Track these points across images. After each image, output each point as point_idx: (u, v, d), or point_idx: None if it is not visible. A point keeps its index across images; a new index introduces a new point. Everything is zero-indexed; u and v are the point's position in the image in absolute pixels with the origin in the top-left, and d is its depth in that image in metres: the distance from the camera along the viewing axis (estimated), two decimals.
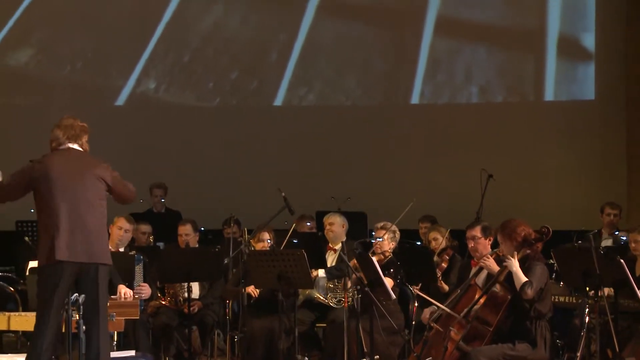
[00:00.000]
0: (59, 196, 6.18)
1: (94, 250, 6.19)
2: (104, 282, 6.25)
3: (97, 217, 6.28)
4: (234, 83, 12.67)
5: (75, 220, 6.17)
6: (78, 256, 6.13)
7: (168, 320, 8.49)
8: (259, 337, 7.96)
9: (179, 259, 8.40)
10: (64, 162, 6.30)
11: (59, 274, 6.10)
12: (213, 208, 10.90)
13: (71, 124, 6.43)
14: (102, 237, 6.32)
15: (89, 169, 6.33)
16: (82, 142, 6.45)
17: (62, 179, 6.21)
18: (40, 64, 12.32)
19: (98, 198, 6.31)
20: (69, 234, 6.13)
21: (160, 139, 12.20)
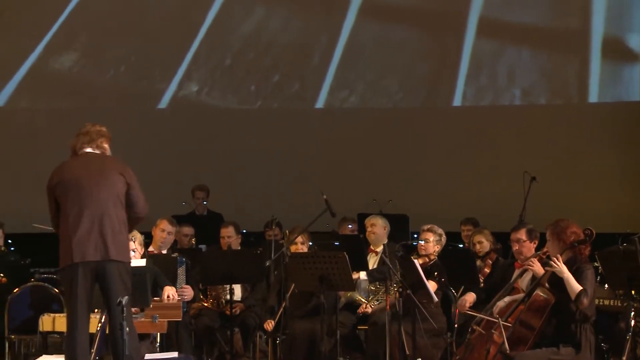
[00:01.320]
0: (75, 199, 6.25)
1: (109, 249, 6.21)
2: (120, 279, 6.25)
3: (116, 217, 6.30)
4: (276, 86, 12.68)
5: (91, 221, 6.21)
6: (91, 256, 6.17)
7: (210, 322, 8.51)
8: (300, 339, 7.96)
9: (221, 261, 8.42)
10: (78, 166, 6.38)
11: (75, 276, 6.17)
12: (255, 210, 10.92)
13: (87, 130, 6.52)
14: (118, 235, 6.30)
15: (105, 169, 6.39)
16: (98, 145, 6.50)
17: (77, 181, 6.28)
18: (84, 68, 12.41)
19: (117, 198, 6.34)
20: (83, 235, 6.18)
21: (202, 141, 12.24)
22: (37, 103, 12.22)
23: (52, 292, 8.49)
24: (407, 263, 7.63)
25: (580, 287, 6.36)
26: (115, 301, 6.10)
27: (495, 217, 9.95)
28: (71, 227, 6.19)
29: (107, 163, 6.44)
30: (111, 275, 6.23)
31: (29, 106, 12.23)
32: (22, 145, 12.04)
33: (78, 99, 12.21)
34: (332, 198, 8.75)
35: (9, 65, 12.18)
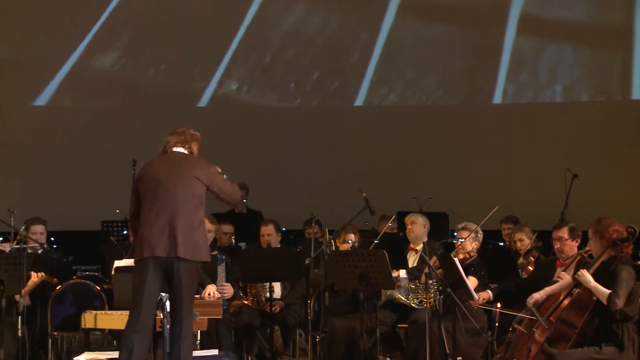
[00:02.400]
0: (153, 195, 6.33)
1: (178, 246, 6.25)
2: (186, 278, 6.30)
3: (189, 216, 6.34)
4: (315, 84, 12.69)
5: (166, 218, 6.27)
6: (160, 252, 6.22)
7: (250, 319, 8.53)
8: (340, 337, 7.95)
9: (261, 259, 8.43)
10: (162, 163, 6.48)
11: (144, 271, 6.22)
12: (294, 208, 10.92)
13: (182, 131, 6.65)
14: (189, 234, 6.34)
15: (186, 168, 6.45)
16: (189, 147, 6.61)
17: (158, 179, 6.36)
18: (125, 67, 12.50)
19: (194, 197, 6.40)
20: (155, 231, 6.24)
21: (242, 139, 12.28)
22: (79, 102, 12.32)
23: (93, 289, 8.57)
24: (447, 261, 7.60)
25: (608, 290, 6.31)
26: (181, 301, 6.14)
27: (536, 215, 9.86)
28: (146, 222, 6.28)
29: (188, 162, 6.52)
30: (177, 273, 6.27)
31: (71, 105, 12.33)
32: (64, 143, 12.15)
33: (119, 97, 12.31)
34: (372, 196, 8.74)
35: (51, 65, 12.30)
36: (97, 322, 7.25)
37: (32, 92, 12.28)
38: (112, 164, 10.70)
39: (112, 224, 10.55)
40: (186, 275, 6.30)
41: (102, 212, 10.49)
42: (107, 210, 10.30)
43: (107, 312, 7.47)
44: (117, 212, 10.14)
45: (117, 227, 10.53)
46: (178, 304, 6.24)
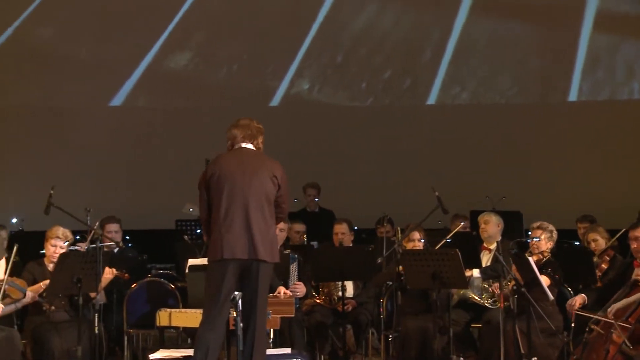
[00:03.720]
0: (228, 195, 6.30)
1: (257, 248, 6.26)
2: (264, 279, 6.32)
3: (264, 216, 6.35)
4: (387, 82, 12.66)
5: (242, 218, 6.27)
6: (240, 253, 6.23)
7: (323, 318, 8.53)
8: (413, 337, 7.90)
9: (333, 258, 8.42)
10: (235, 162, 6.41)
11: (223, 271, 6.22)
12: (366, 207, 10.89)
13: (247, 124, 6.56)
14: (267, 235, 6.35)
15: (260, 168, 6.41)
16: (257, 142, 6.56)
17: (232, 178, 6.33)
18: (197, 67, 12.60)
19: (267, 197, 6.38)
20: (234, 233, 6.23)
21: (314, 138, 12.30)
22: (153, 102, 12.47)
23: (168, 287, 8.64)
24: (521, 260, 7.51)
25: None
26: (256, 301, 6.16)
27: (613, 214, 9.70)
28: (223, 223, 6.25)
29: (262, 162, 6.47)
30: (256, 274, 6.28)
31: (146, 105, 12.48)
32: (139, 143, 12.31)
33: (192, 97, 12.41)
34: (444, 195, 8.67)
35: (126, 65, 12.46)
36: (172, 320, 7.32)
37: (107, 92, 12.46)
38: (185, 164, 10.78)
39: (185, 223, 10.65)
40: (263, 277, 6.32)
41: (176, 211, 10.58)
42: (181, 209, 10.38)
43: (182, 310, 7.53)
44: (191, 211, 10.22)
45: (191, 226, 10.63)
46: (254, 304, 6.26)
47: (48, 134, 12.08)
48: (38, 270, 7.97)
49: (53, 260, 7.84)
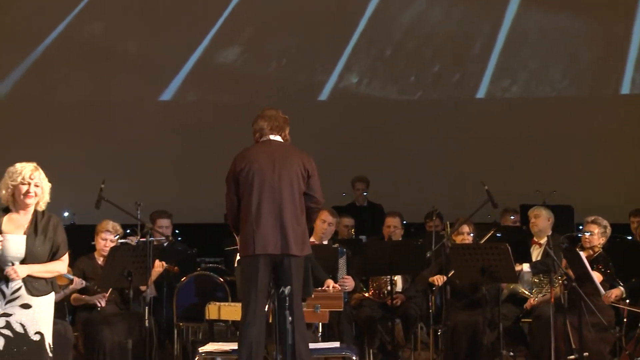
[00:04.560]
0: (259, 189, 6.29)
1: (289, 243, 6.25)
2: (297, 273, 6.31)
3: (295, 209, 6.34)
4: (436, 76, 12.60)
5: (273, 213, 6.25)
6: (272, 249, 6.22)
7: (371, 312, 8.52)
8: (462, 331, 7.86)
9: (382, 252, 8.41)
10: (264, 155, 6.38)
11: (256, 266, 6.23)
12: (415, 201, 10.85)
13: (274, 115, 6.52)
14: (298, 229, 6.34)
15: (290, 161, 6.39)
16: (285, 134, 6.53)
17: (262, 172, 6.31)
18: (247, 62, 12.63)
19: (298, 190, 6.37)
20: (265, 228, 6.22)
21: (362, 132, 12.27)
22: (202, 96, 12.53)
23: (217, 281, 8.68)
24: (572, 255, 7.43)
25: None
26: (291, 295, 6.16)
27: None
28: (254, 218, 6.24)
29: (291, 154, 6.45)
30: (288, 269, 6.28)
31: (195, 100, 12.54)
32: (189, 137, 12.37)
33: (241, 92, 12.44)
34: (494, 189, 8.61)
35: (176, 60, 12.53)
36: (221, 313, 7.36)
37: (157, 87, 12.54)
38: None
39: None
40: (296, 270, 6.31)
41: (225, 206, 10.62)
42: None
43: (230, 303, 7.57)
44: None
45: None
46: (290, 298, 6.24)
47: (99, 128, 12.19)
48: (88, 264, 8.05)
49: (103, 253, 7.92)
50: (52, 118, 12.18)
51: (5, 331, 5.76)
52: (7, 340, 5.76)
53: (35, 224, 5.91)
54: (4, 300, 5.80)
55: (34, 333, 5.80)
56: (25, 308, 5.80)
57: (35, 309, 5.81)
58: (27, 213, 5.92)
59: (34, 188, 5.89)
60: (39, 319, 5.82)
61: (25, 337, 5.79)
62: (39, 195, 5.92)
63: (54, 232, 5.95)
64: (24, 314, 5.79)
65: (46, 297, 5.89)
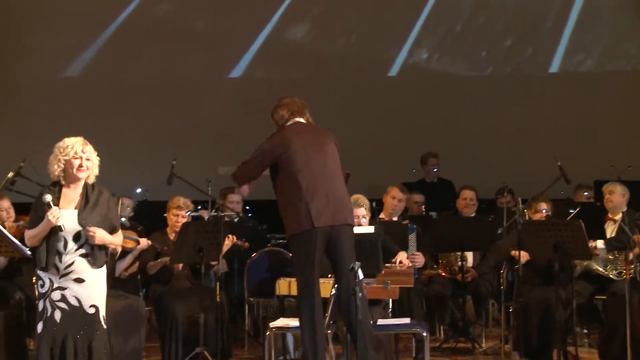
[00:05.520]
0: (304, 167, 6.37)
1: (343, 214, 6.39)
2: (351, 243, 6.42)
3: (340, 184, 6.48)
4: (508, 51, 12.44)
5: (322, 187, 6.35)
6: (329, 220, 6.31)
7: (442, 289, 8.49)
8: (534, 308, 7.76)
9: (453, 228, 8.37)
10: (300, 135, 6.50)
11: (312, 241, 6.30)
12: (486, 177, 10.75)
13: (291, 101, 6.68)
14: (347, 201, 6.53)
15: (325, 139, 6.56)
16: (307, 117, 6.65)
17: (303, 150, 6.41)
18: (316, 38, 12.61)
19: (337, 166, 6.53)
20: (318, 201, 6.31)
21: (432, 108, 12.19)
22: (272, 73, 12.54)
23: (287, 257, 8.71)
24: None
25: None
26: (347, 265, 6.19)
27: None
28: (307, 193, 6.31)
29: (324, 133, 6.62)
30: (345, 239, 6.37)
31: (265, 76, 12.56)
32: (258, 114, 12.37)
33: (310, 68, 12.43)
34: (567, 164, 8.51)
35: (245, 37, 12.55)
36: (291, 289, 7.38)
37: (227, 64, 12.58)
38: None
39: None
40: (350, 240, 6.42)
41: None
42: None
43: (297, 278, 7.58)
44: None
45: None
46: (342, 268, 6.31)
47: (169, 105, 12.30)
48: (161, 240, 8.13)
49: (175, 229, 7.99)
50: (124, 97, 12.31)
51: (61, 304, 5.88)
52: (64, 313, 5.89)
53: (87, 198, 6.01)
54: (58, 275, 5.92)
55: (89, 306, 5.92)
56: (79, 282, 5.91)
57: (88, 282, 5.92)
58: (78, 187, 6.03)
59: (85, 162, 5.99)
60: (92, 293, 5.94)
61: (81, 310, 5.91)
62: (90, 169, 6.02)
63: (107, 207, 6.06)
64: (78, 288, 5.90)
65: (99, 270, 5.99)
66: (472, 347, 8.53)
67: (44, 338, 5.89)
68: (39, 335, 5.92)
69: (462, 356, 8.28)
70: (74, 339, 5.86)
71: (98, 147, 6.20)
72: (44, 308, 5.91)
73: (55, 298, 5.88)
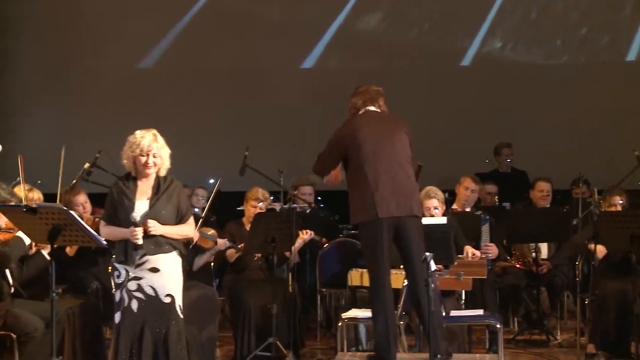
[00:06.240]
0: (371, 157, 6.35)
1: (409, 204, 6.35)
2: (419, 234, 6.39)
3: (408, 174, 6.44)
4: (584, 39, 12.24)
5: (389, 178, 6.32)
6: (394, 211, 6.29)
7: (516, 280, 8.41)
8: (611, 301, 7.62)
9: (526, 219, 8.29)
10: (369, 124, 6.48)
11: (380, 230, 6.28)
12: (561, 167, 10.60)
13: (366, 89, 6.64)
14: (415, 192, 6.49)
15: (395, 128, 6.52)
16: (380, 105, 6.61)
17: (371, 140, 6.38)
18: (388, 28, 12.54)
19: (406, 156, 6.47)
20: (385, 192, 6.28)
21: (506, 98, 12.04)
22: (344, 63, 12.51)
23: (358, 247, 8.69)
24: None
25: None
26: (417, 256, 6.17)
27: None
28: (372, 183, 6.31)
29: (393, 121, 6.60)
30: (412, 230, 6.35)
31: (337, 66, 12.54)
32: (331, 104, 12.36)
33: (383, 58, 12.37)
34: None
35: (318, 27, 12.55)
36: (363, 280, 7.38)
37: (299, 54, 12.59)
38: None
39: None
40: (418, 231, 6.39)
41: None
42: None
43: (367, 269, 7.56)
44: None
45: None
46: (411, 259, 6.31)
47: (243, 96, 12.36)
48: (237, 230, 8.20)
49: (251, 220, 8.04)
50: (196, 87, 12.41)
51: (137, 294, 5.96)
52: (140, 302, 5.96)
53: (158, 189, 6.07)
54: (134, 265, 5.99)
55: (165, 295, 5.97)
56: (154, 272, 5.97)
57: (163, 272, 5.98)
58: (149, 179, 6.12)
59: (152, 159, 6.04)
60: (168, 282, 5.99)
61: (157, 299, 5.97)
62: (158, 165, 6.08)
63: (178, 197, 6.11)
64: (153, 278, 5.96)
65: (174, 260, 6.03)
66: (546, 339, 8.44)
67: (122, 328, 5.97)
68: (117, 324, 6.01)
69: (536, 348, 8.19)
70: (150, 328, 5.94)
71: (171, 138, 6.26)
72: (121, 298, 5.99)
73: (132, 288, 5.96)
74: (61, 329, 6.58)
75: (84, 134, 11.85)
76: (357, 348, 7.63)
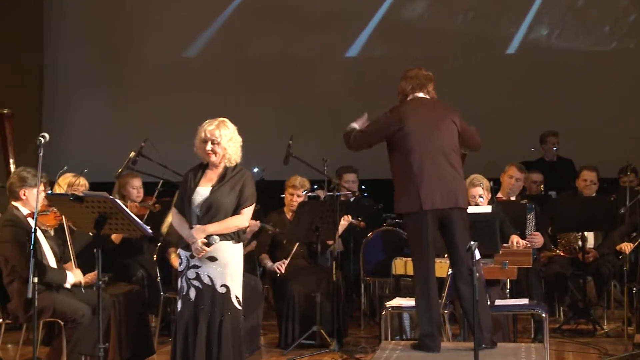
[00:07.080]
0: (417, 146, 6.31)
1: (456, 196, 6.31)
2: (464, 226, 6.36)
3: (453, 164, 6.37)
4: (632, 26, 12.08)
5: (434, 169, 6.29)
6: (439, 203, 6.26)
7: (562, 269, 8.35)
8: None
9: (572, 208, 8.22)
10: (417, 112, 6.42)
11: (424, 222, 6.26)
12: (608, 156, 10.48)
13: (415, 74, 6.55)
14: (460, 182, 6.44)
15: (442, 117, 6.45)
16: (429, 90, 6.54)
17: (418, 129, 6.34)
18: (433, 16, 12.47)
19: (453, 145, 6.41)
20: (430, 183, 6.25)
21: (552, 85, 11.92)
22: (389, 51, 12.46)
23: (403, 236, 8.68)
24: None
25: None
26: (462, 246, 6.14)
27: None
28: (417, 173, 6.28)
29: (442, 109, 6.53)
30: (456, 222, 6.33)
31: (382, 55, 12.50)
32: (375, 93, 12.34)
33: (428, 46, 12.29)
34: None
35: (363, 15, 12.51)
36: (407, 269, 7.38)
37: (343, 43, 12.56)
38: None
39: None
40: (463, 223, 6.36)
41: None
42: None
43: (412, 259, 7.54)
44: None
45: None
46: (456, 249, 6.29)
47: (286, 84, 12.36)
48: (278, 219, 8.23)
49: (292, 208, 8.07)
50: (241, 76, 12.43)
51: (195, 282, 5.95)
52: (198, 291, 5.94)
53: (223, 177, 6.03)
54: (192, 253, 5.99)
55: (220, 285, 5.93)
56: (212, 261, 5.94)
57: (220, 262, 5.94)
58: (219, 168, 6.07)
59: (210, 145, 6.00)
60: (224, 272, 5.94)
61: (212, 289, 5.94)
62: (220, 153, 6.01)
63: (242, 185, 6.04)
64: (210, 267, 5.94)
65: (232, 249, 5.98)
66: (593, 329, 8.37)
67: (180, 315, 5.99)
68: (179, 312, 6.03)
69: (582, 338, 8.12)
70: (206, 317, 5.91)
71: None
72: (181, 286, 6.00)
73: (191, 276, 5.96)
74: (107, 316, 6.64)
75: (128, 123, 11.94)
76: (401, 337, 7.63)
